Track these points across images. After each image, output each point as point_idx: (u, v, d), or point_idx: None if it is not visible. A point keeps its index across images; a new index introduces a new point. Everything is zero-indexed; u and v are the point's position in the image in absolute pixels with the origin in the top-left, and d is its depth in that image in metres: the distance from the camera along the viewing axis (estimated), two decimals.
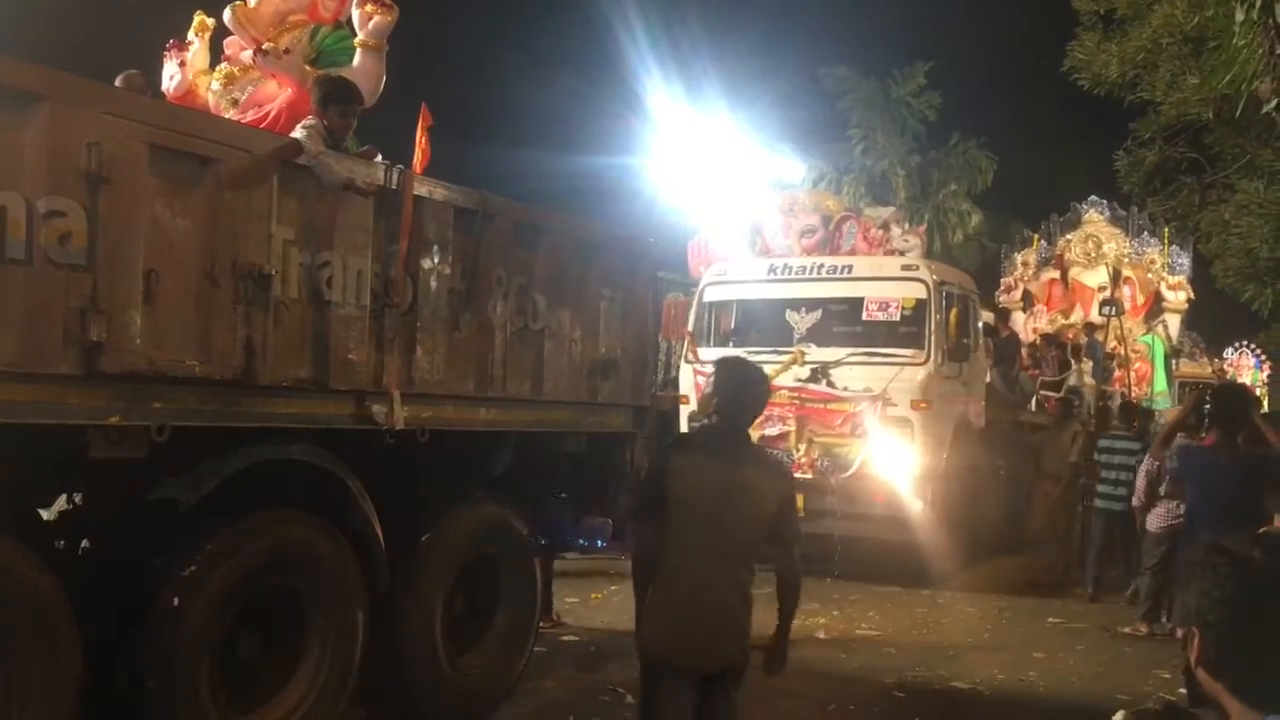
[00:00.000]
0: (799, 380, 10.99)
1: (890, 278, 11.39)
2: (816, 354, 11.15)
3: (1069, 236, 21.50)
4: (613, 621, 8.86)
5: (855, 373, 10.89)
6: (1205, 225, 9.84)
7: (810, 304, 11.62)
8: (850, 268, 11.69)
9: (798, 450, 10.83)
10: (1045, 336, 18.27)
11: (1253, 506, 4.77)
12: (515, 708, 6.36)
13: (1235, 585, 1.87)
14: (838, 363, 10.97)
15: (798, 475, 10.56)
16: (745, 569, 3.90)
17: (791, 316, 11.65)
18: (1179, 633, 1.99)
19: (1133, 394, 17.82)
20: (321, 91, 5.52)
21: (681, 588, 3.84)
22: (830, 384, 10.92)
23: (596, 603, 9.61)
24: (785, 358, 11.07)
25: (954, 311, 11.17)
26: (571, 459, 6.98)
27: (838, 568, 10.64)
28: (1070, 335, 18.19)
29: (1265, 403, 29.46)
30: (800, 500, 10.37)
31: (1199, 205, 9.68)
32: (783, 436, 10.88)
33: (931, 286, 11.11)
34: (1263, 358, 31.18)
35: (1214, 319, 23.02)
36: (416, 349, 5.52)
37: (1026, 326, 20.07)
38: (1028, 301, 21.39)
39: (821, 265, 11.85)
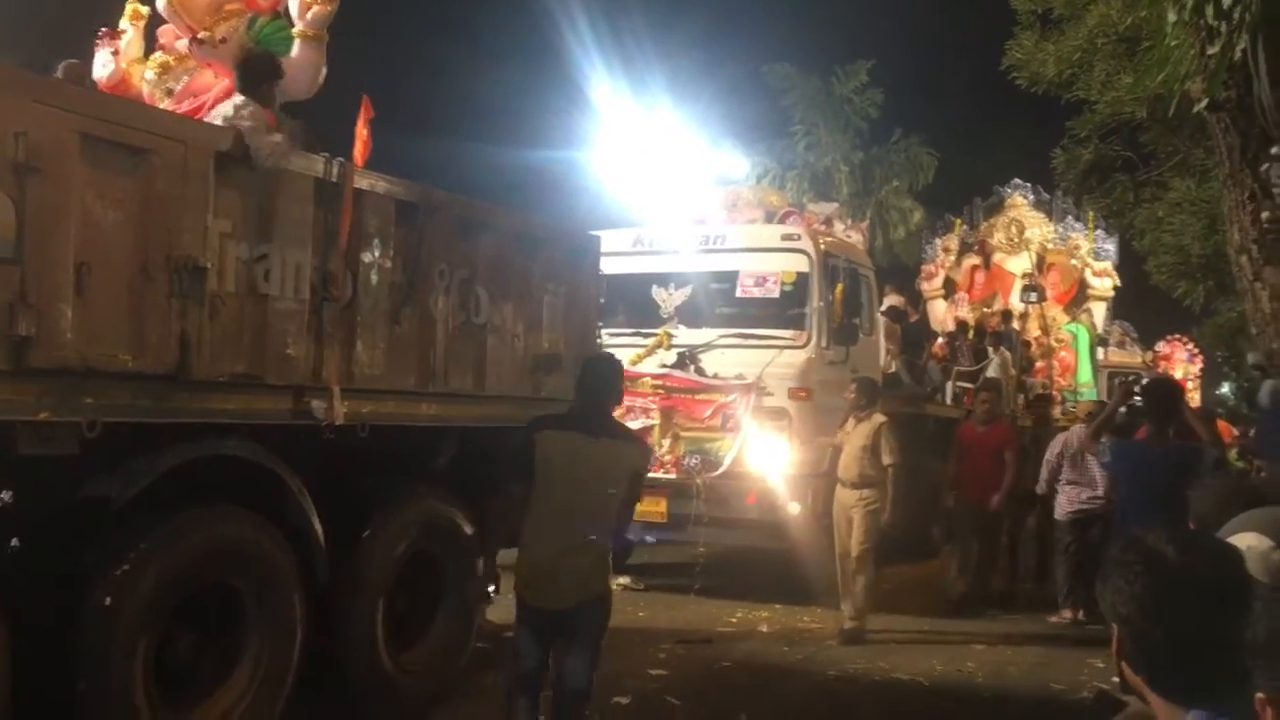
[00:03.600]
0: (664, 366, 9.83)
1: (769, 249, 10.26)
2: (685, 336, 10.03)
3: (992, 221, 21.62)
4: None
5: (728, 357, 9.73)
6: (1139, 222, 10.03)
7: (680, 279, 10.44)
8: (724, 238, 10.55)
9: (661, 446, 9.62)
10: (961, 323, 17.81)
11: (1182, 500, 4.87)
12: (457, 703, 6.33)
13: (1145, 582, 1.90)
14: (708, 346, 9.86)
15: (661, 475, 9.45)
16: (597, 522, 4.61)
17: (658, 294, 10.48)
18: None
19: (1055, 385, 17.91)
20: (248, 71, 5.50)
21: (540, 537, 4.61)
22: (699, 370, 9.76)
23: None
24: (650, 341, 9.98)
25: (840, 287, 9.93)
26: (511, 452, 6.94)
27: (699, 581, 9.53)
28: (992, 324, 17.84)
29: (1197, 397, 30.02)
30: (663, 504, 9.48)
31: (1133, 203, 9.85)
32: (645, 431, 9.61)
33: (815, 259, 9.95)
34: (1195, 351, 31.59)
35: (1147, 310, 22.79)
36: (357, 343, 5.47)
37: (948, 315, 20.02)
38: (949, 289, 21.32)
39: (693, 236, 10.70)
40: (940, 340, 16.14)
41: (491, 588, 5.59)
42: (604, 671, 7.12)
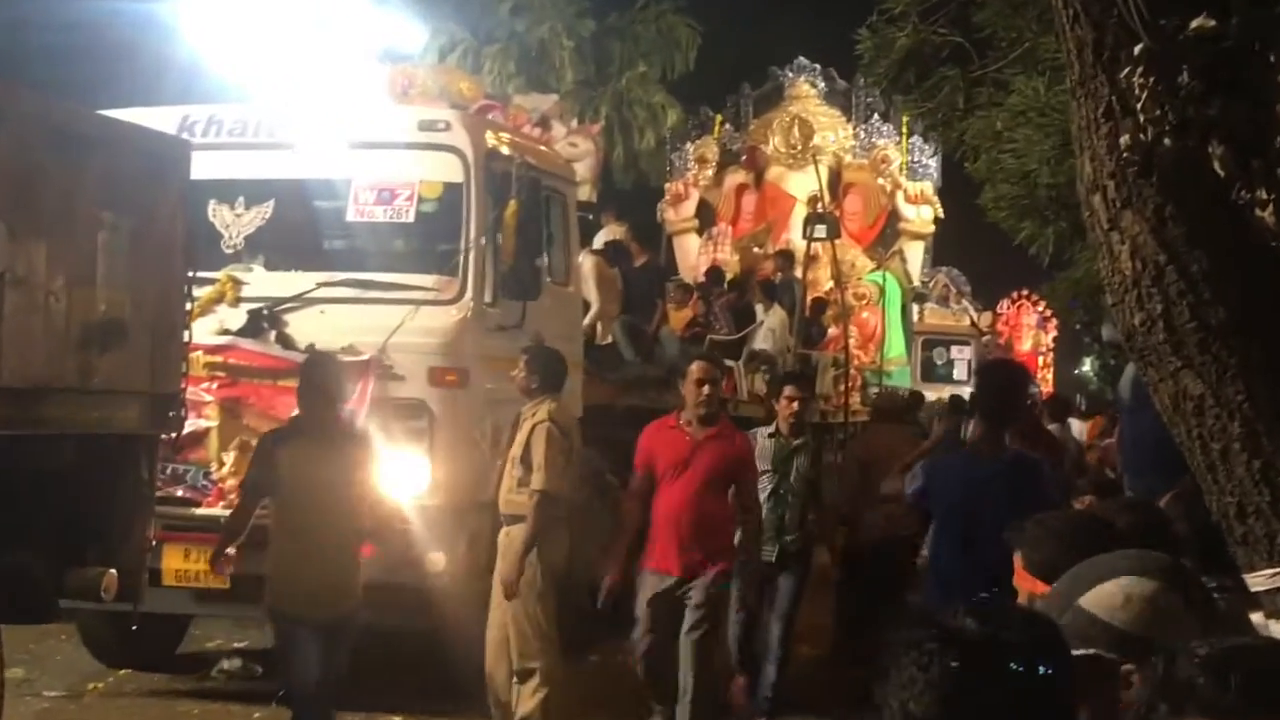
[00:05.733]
0: (226, 333, 9.03)
1: (399, 144, 9.66)
2: (264, 283, 9.37)
3: (767, 118, 21.94)
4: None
5: (332, 319, 9.04)
6: (972, 136, 10.34)
7: (254, 191, 9.70)
8: (327, 126, 9.85)
9: (220, 463, 8.85)
10: (716, 269, 18.13)
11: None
12: None
13: (944, 665, 2.01)
14: (299, 300, 9.17)
15: (219, 511, 8.64)
16: (343, 529, 6.93)
17: (220, 214, 9.64)
18: None
19: (854, 360, 18.33)
20: None
21: (287, 551, 6.90)
22: (284, 340, 9.02)
23: (94, 699, 9.31)
24: (204, 291, 8.81)
25: (514, 208, 9.21)
26: (48, 478, 6.73)
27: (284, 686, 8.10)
28: (764, 270, 18.05)
29: (1050, 377, 31.73)
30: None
31: (964, 109, 10.15)
32: (197, 439, 8.77)
33: (473, 162, 9.33)
34: (1048, 315, 32.94)
35: (983, 254, 22.55)
36: None
37: (702, 257, 20.23)
38: (705, 218, 21.57)
39: (276, 121, 9.93)
40: (694, 295, 16.15)
41: None
42: None
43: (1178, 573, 2.71)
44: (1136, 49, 3.44)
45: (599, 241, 14.09)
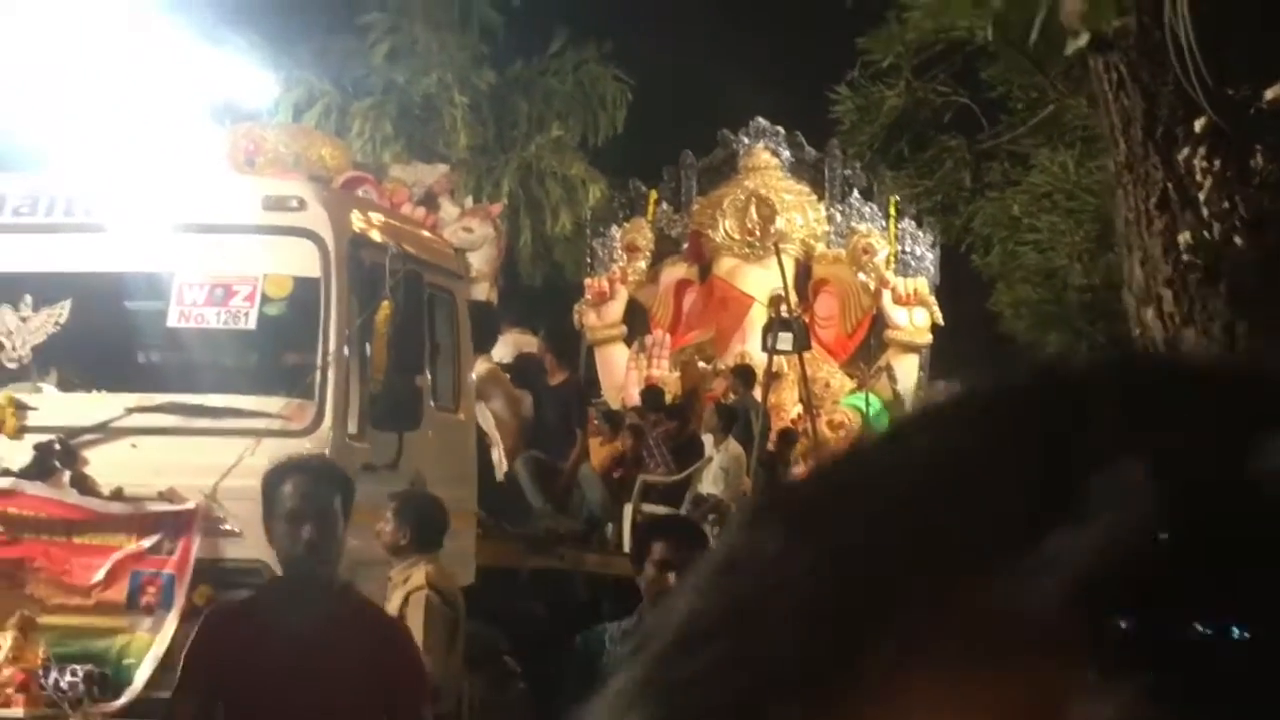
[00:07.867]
0: (7, 474, 9.23)
1: (237, 227, 9.87)
2: (55, 408, 9.65)
3: (716, 195, 22.15)
4: None
5: (145, 454, 9.28)
6: (981, 223, 10.26)
7: (45, 287, 9.98)
8: (144, 204, 9.94)
9: None
10: (653, 390, 18.34)
11: None
12: None
13: None
14: (102, 429, 9.35)
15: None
16: None
17: (2, 318, 9.99)
18: None
19: None
20: None
21: None
22: (82, 483, 9.11)
23: None
24: None
25: (387, 311, 9.36)
26: None
27: None
28: (715, 391, 18.28)
29: None
30: None
31: (970, 187, 10.06)
32: None
33: (333, 250, 9.55)
34: None
35: (994, 364, 23.34)
36: None
37: (632, 373, 20.45)
38: (636, 324, 21.72)
39: (78, 197, 10.01)
40: (623, 423, 16.26)
41: None
42: None
43: None
44: (1198, 124, 3.32)
45: (499, 352, 13.93)
